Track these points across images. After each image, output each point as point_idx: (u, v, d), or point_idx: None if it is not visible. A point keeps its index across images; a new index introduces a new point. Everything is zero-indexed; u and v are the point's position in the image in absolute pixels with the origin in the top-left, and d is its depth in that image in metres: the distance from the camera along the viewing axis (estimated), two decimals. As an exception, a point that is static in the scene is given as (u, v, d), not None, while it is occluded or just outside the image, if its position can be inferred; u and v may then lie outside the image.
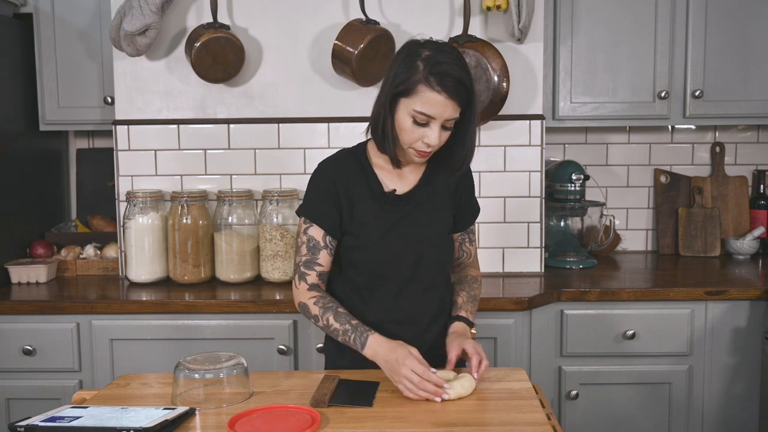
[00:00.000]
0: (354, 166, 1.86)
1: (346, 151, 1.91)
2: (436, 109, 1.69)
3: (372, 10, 2.73)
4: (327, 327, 1.81)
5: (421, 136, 1.73)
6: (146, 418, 1.48)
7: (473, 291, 1.97)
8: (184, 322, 2.53)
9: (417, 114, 1.70)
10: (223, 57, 2.67)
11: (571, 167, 3.03)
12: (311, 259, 1.85)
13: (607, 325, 2.60)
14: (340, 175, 1.85)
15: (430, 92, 1.68)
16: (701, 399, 2.64)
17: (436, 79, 1.67)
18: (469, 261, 2.04)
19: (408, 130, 1.73)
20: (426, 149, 1.75)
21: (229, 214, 2.75)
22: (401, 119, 1.73)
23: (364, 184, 1.85)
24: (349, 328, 1.77)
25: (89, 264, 2.95)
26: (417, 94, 1.69)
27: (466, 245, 2.03)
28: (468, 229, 2.01)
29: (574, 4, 2.90)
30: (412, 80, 1.69)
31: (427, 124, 1.72)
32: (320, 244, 1.84)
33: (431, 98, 1.68)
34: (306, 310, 1.86)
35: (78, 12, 2.93)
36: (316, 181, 1.87)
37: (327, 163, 1.89)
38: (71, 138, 3.33)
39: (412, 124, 1.72)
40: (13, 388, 2.56)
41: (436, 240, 1.89)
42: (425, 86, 1.68)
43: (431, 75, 1.67)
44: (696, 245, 3.22)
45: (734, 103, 2.95)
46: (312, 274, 1.85)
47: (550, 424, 1.50)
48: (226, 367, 1.66)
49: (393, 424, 1.51)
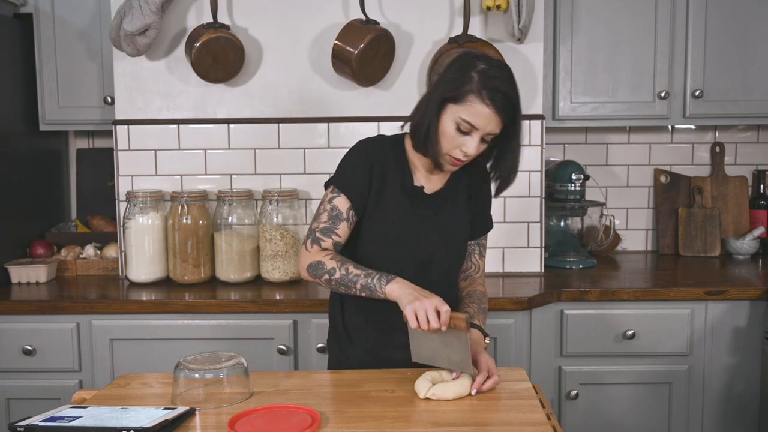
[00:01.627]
0: (392, 154, 1.89)
1: (386, 137, 1.94)
2: (481, 120, 1.73)
3: (372, 10, 2.73)
4: (345, 275, 1.76)
5: (460, 145, 1.77)
6: (146, 418, 1.48)
7: (483, 305, 1.97)
8: (184, 322, 2.53)
9: (462, 122, 1.74)
10: (223, 57, 2.67)
11: (571, 167, 3.03)
12: (330, 228, 1.84)
13: (607, 325, 2.60)
14: (379, 158, 1.87)
15: (480, 104, 1.72)
16: (701, 399, 2.64)
17: (487, 92, 1.72)
18: (476, 275, 2.03)
19: (449, 136, 1.77)
20: (462, 158, 1.79)
21: (229, 214, 2.76)
22: (445, 124, 1.77)
23: (397, 174, 1.88)
24: (372, 272, 1.76)
25: (89, 264, 2.95)
26: (466, 102, 1.73)
27: (476, 257, 2.03)
28: (478, 240, 2.02)
29: (574, 4, 2.91)
30: (464, 89, 1.73)
31: (468, 134, 1.76)
32: (343, 215, 1.84)
33: (479, 110, 1.73)
34: (319, 267, 1.79)
35: (78, 12, 2.93)
36: (355, 155, 1.88)
37: (368, 143, 1.91)
38: (71, 138, 3.33)
39: (455, 130, 1.76)
40: (13, 388, 2.56)
41: (450, 244, 1.92)
42: (476, 97, 1.72)
43: (484, 88, 1.72)
44: (696, 245, 3.22)
45: (734, 103, 2.95)
46: (327, 241, 1.83)
47: (550, 424, 1.50)
48: (227, 367, 1.66)
49: (393, 424, 1.51)
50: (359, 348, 1.94)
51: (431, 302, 1.65)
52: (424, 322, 1.64)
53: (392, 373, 1.81)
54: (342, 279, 1.77)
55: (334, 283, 1.79)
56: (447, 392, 1.64)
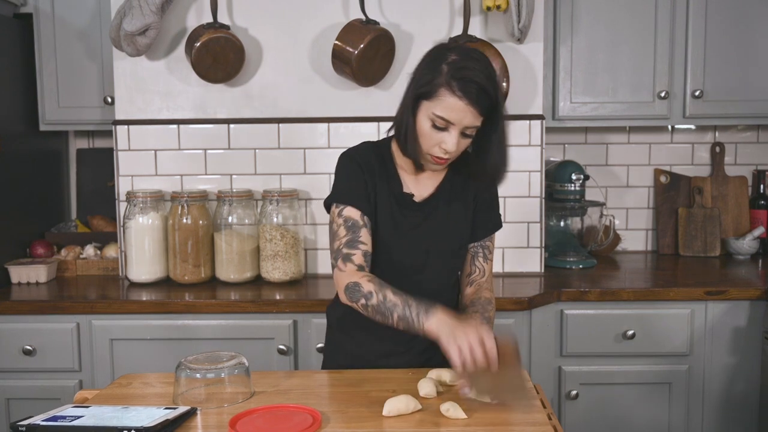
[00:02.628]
0: (377, 159, 1.82)
1: (369, 144, 1.87)
2: (455, 114, 1.66)
3: (372, 10, 2.73)
4: (383, 302, 1.65)
5: (439, 142, 1.70)
6: (147, 418, 1.47)
7: (487, 313, 1.84)
8: (184, 322, 2.53)
9: (436, 118, 1.67)
10: (223, 57, 2.67)
11: (571, 167, 3.03)
12: (353, 238, 1.74)
13: (607, 325, 2.60)
14: (365, 165, 1.80)
15: (451, 97, 1.65)
16: (701, 399, 2.64)
17: (458, 84, 1.64)
18: (482, 280, 1.91)
19: (426, 135, 1.70)
20: (443, 155, 1.71)
21: (229, 214, 2.75)
22: (421, 122, 1.70)
23: (385, 180, 1.81)
24: (411, 302, 1.64)
25: (89, 264, 2.95)
26: (438, 97, 1.66)
27: (479, 260, 1.91)
28: (482, 241, 1.91)
29: (574, 4, 2.91)
30: (434, 83, 1.66)
31: (445, 129, 1.68)
32: (359, 222, 1.75)
33: (451, 103, 1.65)
34: (356, 290, 1.69)
35: (78, 12, 2.93)
36: (344, 168, 1.82)
37: (352, 152, 1.84)
38: (71, 138, 3.33)
39: (431, 128, 1.69)
40: (13, 388, 2.56)
41: (444, 251, 1.85)
42: (446, 90, 1.65)
43: (453, 80, 1.64)
44: (696, 245, 3.22)
45: (734, 103, 2.95)
46: (357, 253, 1.73)
47: (551, 424, 1.50)
48: (228, 367, 1.65)
49: (393, 424, 1.51)
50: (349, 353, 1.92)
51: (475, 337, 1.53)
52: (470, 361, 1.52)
53: (393, 373, 1.81)
54: (379, 306, 1.66)
55: (371, 309, 1.68)
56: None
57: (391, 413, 1.53)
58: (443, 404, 1.55)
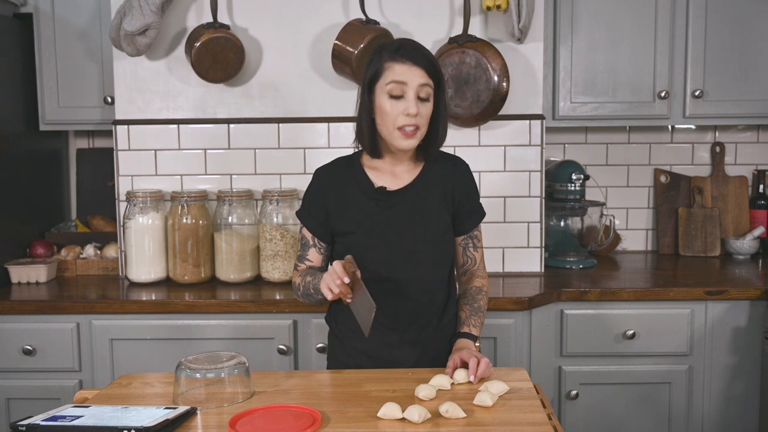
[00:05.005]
0: (347, 170, 1.97)
1: (341, 158, 2.02)
2: (405, 75, 1.81)
3: (372, 10, 2.73)
4: (306, 287, 1.93)
5: (402, 110, 1.81)
6: (147, 418, 1.48)
7: (477, 303, 1.98)
8: (184, 322, 2.53)
9: (392, 87, 1.81)
10: (223, 57, 2.67)
11: (571, 167, 3.03)
12: (302, 255, 2.02)
13: (606, 325, 2.60)
14: (332, 180, 1.96)
15: (397, 64, 1.82)
16: (701, 399, 2.64)
17: (399, 52, 1.83)
18: (474, 268, 2.04)
19: (388, 110, 1.82)
20: (410, 122, 1.82)
21: (229, 214, 2.75)
22: (380, 102, 1.84)
23: (356, 185, 1.94)
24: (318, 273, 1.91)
25: (89, 264, 2.95)
26: (386, 71, 1.83)
27: (470, 250, 2.03)
28: (471, 233, 2.01)
29: (574, 4, 2.91)
30: (379, 64, 1.84)
31: (402, 97, 1.81)
32: (309, 242, 2.00)
33: (398, 68, 1.82)
34: (294, 286, 2.01)
35: (78, 12, 2.93)
36: (310, 188, 2.00)
37: (321, 170, 2.01)
38: (71, 138, 3.33)
39: (390, 99, 1.82)
40: (13, 388, 2.56)
41: (430, 236, 1.92)
42: (391, 62, 1.83)
43: (395, 52, 1.83)
44: (696, 245, 3.22)
45: (734, 103, 2.95)
46: (302, 266, 2.02)
47: (551, 424, 1.50)
48: (228, 367, 1.66)
49: (393, 424, 1.51)
50: (355, 348, 1.95)
51: (329, 271, 1.77)
52: (335, 289, 1.73)
53: (393, 373, 1.82)
54: (305, 291, 1.95)
55: (303, 297, 1.97)
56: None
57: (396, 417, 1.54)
58: (443, 404, 1.55)
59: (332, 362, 2.04)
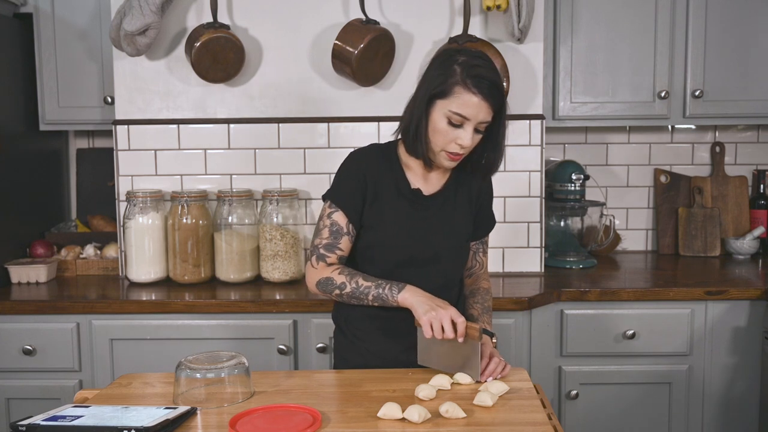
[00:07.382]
0: (384, 162, 1.90)
1: (377, 146, 1.96)
2: (471, 110, 1.75)
3: (372, 10, 2.73)
4: (356, 289, 1.81)
5: (455, 138, 1.78)
6: (147, 418, 1.47)
7: (487, 303, 2.00)
8: (184, 322, 2.53)
9: (452, 115, 1.75)
10: (223, 57, 2.67)
11: (571, 167, 3.03)
12: (333, 243, 1.87)
13: (607, 325, 2.60)
14: (371, 168, 1.88)
15: (467, 93, 1.74)
16: (701, 399, 2.64)
17: (472, 81, 1.74)
18: (480, 272, 2.07)
19: (442, 132, 1.78)
20: (459, 151, 1.80)
21: (229, 214, 2.75)
22: (436, 120, 1.78)
23: (392, 180, 1.89)
24: (382, 282, 1.81)
25: (89, 264, 2.95)
26: (453, 95, 1.75)
27: (480, 255, 2.06)
28: (483, 239, 2.05)
29: (574, 4, 2.91)
30: (449, 82, 1.75)
31: (461, 126, 1.77)
32: (343, 230, 1.87)
33: (467, 100, 1.74)
34: (328, 283, 1.85)
35: (78, 12, 2.93)
36: (348, 170, 1.90)
37: (359, 154, 1.92)
38: (71, 138, 3.33)
39: (447, 125, 1.77)
40: (13, 388, 2.56)
41: (453, 243, 1.93)
42: (462, 88, 1.74)
43: (468, 77, 1.74)
44: (696, 245, 3.22)
45: (734, 103, 2.95)
46: (332, 256, 1.87)
47: (551, 424, 1.50)
48: (228, 367, 1.66)
49: (393, 424, 1.51)
50: (365, 349, 1.95)
51: (447, 313, 1.70)
52: (439, 332, 1.69)
53: (393, 373, 1.82)
54: (353, 292, 1.82)
55: (346, 296, 1.84)
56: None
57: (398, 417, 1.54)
58: (442, 405, 1.55)
59: (339, 362, 2.01)
